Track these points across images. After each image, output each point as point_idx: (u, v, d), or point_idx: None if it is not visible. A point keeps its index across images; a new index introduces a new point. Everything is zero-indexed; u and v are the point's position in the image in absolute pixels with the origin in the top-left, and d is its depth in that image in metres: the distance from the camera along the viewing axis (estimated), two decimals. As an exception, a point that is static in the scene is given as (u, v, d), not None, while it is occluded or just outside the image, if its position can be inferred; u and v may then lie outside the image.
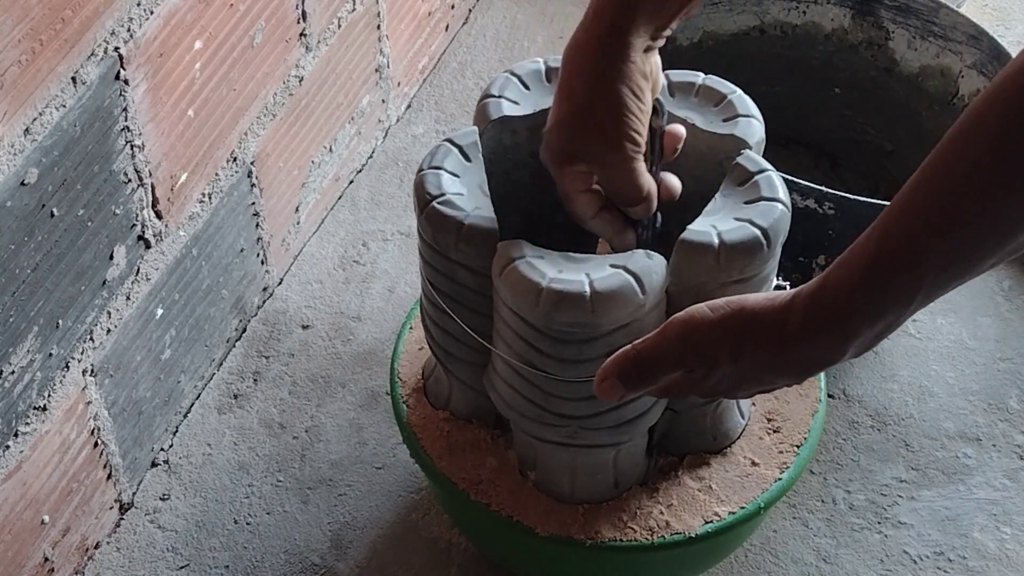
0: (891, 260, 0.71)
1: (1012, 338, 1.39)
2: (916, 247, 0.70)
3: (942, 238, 0.69)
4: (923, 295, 0.72)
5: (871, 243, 0.72)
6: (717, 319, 0.78)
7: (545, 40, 1.75)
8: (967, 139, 0.69)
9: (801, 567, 1.21)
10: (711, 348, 0.78)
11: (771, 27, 1.43)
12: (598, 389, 0.83)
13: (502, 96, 1.03)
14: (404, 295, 1.43)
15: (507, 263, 0.93)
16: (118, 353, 1.16)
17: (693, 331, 0.79)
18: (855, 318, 0.74)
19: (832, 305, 0.74)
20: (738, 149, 1.00)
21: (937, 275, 0.71)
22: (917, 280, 0.71)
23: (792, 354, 0.77)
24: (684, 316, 0.80)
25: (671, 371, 0.81)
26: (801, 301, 0.76)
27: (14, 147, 0.94)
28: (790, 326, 0.75)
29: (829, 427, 1.31)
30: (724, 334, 0.78)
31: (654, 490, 1.05)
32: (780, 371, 0.79)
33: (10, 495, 1.06)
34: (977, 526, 1.24)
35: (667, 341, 0.80)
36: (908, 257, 0.71)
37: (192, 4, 1.12)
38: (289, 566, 1.21)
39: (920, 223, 0.70)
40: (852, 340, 0.75)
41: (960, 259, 0.70)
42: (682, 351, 0.79)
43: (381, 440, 1.30)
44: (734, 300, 0.79)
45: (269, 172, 1.35)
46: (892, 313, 0.73)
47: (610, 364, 0.82)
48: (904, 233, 0.71)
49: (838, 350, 0.76)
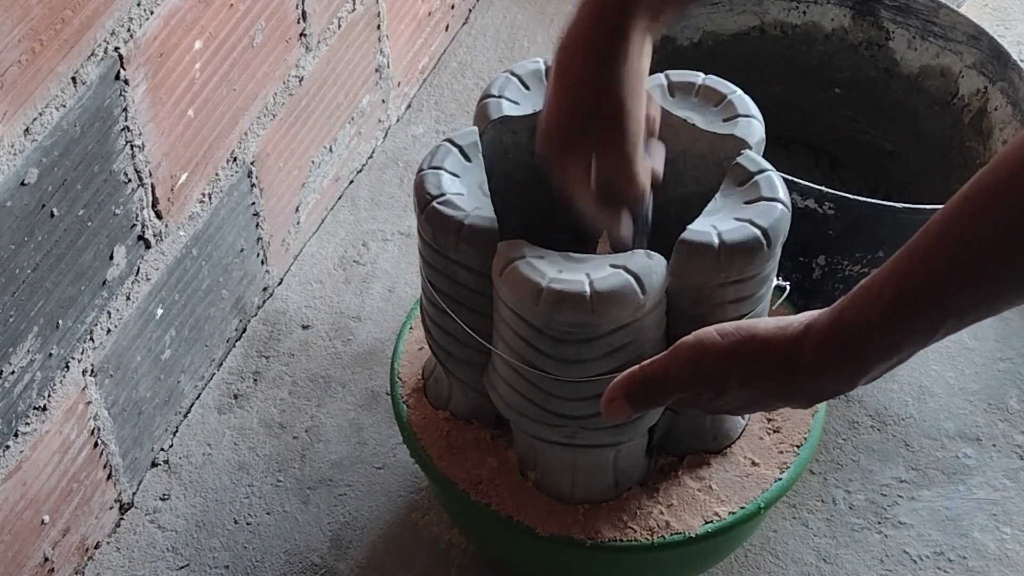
0: (912, 303, 0.71)
1: (1012, 338, 1.39)
2: (939, 293, 0.70)
3: (965, 288, 0.70)
4: (941, 334, 0.73)
5: (893, 282, 0.72)
6: (727, 345, 0.78)
7: (545, 40, 1.75)
8: (998, 198, 0.68)
9: (801, 567, 1.21)
10: (720, 374, 0.78)
11: (771, 27, 1.43)
12: (606, 409, 0.82)
13: (502, 96, 1.03)
14: (404, 295, 1.43)
15: (507, 263, 0.93)
16: (118, 353, 1.16)
17: (703, 355, 0.79)
18: (871, 354, 0.74)
19: (848, 340, 0.74)
20: (738, 149, 1.00)
21: (958, 319, 0.72)
22: (938, 323, 0.72)
23: (803, 385, 0.77)
24: (693, 340, 0.79)
25: (679, 393, 0.81)
26: (815, 334, 0.75)
27: (14, 147, 0.94)
28: (803, 358, 0.75)
29: (829, 427, 1.31)
30: (734, 361, 0.78)
31: (654, 490, 1.05)
32: (789, 399, 0.79)
33: (10, 495, 1.06)
34: (977, 526, 1.24)
35: (676, 364, 0.80)
36: (930, 302, 0.71)
37: (192, 4, 1.12)
38: (289, 566, 1.21)
39: (944, 271, 0.70)
40: (865, 374, 0.75)
41: (981, 305, 0.71)
42: (691, 375, 0.79)
43: (381, 440, 1.30)
44: (743, 326, 0.78)
45: (269, 172, 1.35)
46: (908, 350, 0.74)
47: (617, 385, 0.82)
48: (927, 278, 0.70)
49: (850, 383, 0.76)
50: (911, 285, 0.71)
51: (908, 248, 0.72)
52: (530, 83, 1.05)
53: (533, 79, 1.05)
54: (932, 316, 0.71)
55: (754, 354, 0.77)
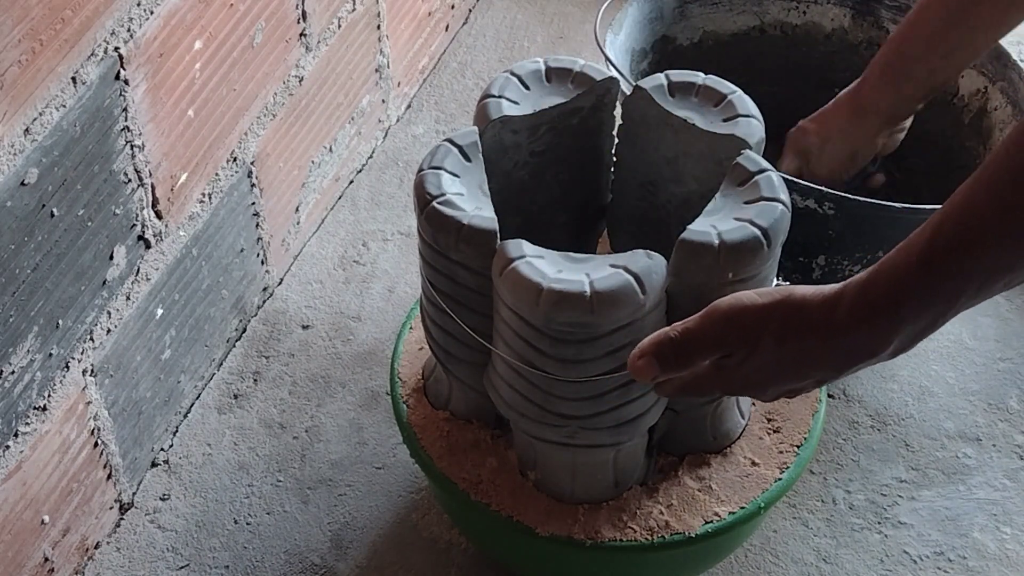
0: (945, 251, 0.72)
1: (1012, 338, 1.39)
2: (970, 243, 0.72)
3: (996, 240, 0.71)
4: (971, 293, 0.74)
5: (926, 234, 0.74)
6: (765, 303, 0.80)
7: (545, 40, 1.75)
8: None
9: (801, 567, 1.21)
10: (756, 329, 0.79)
11: (771, 27, 1.43)
12: (633, 367, 0.83)
13: (502, 96, 1.03)
14: (404, 295, 1.43)
15: (507, 263, 0.93)
16: (118, 353, 1.16)
17: (739, 313, 0.80)
18: (906, 307, 0.75)
19: (883, 293, 0.75)
20: (738, 149, 1.00)
21: (988, 275, 0.72)
22: (969, 275, 0.73)
23: (838, 342, 0.78)
24: (731, 299, 0.81)
25: (711, 352, 0.81)
26: (851, 290, 0.77)
27: (14, 147, 0.94)
28: (839, 313, 0.77)
29: (829, 427, 1.31)
30: (771, 316, 0.79)
31: (654, 490, 1.05)
32: (822, 361, 0.80)
33: (10, 495, 1.06)
34: (977, 526, 1.24)
35: (711, 321, 0.81)
36: (961, 250, 0.72)
37: (192, 4, 1.12)
38: (289, 566, 1.21)
39: (977, 222, 0.71)
40: (899, 330, 0.76)
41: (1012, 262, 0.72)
42: (725, 331, 0.81)
43: (381, 440, 1.30)
44: (782, 288, 0.80)
45: (269, 172, 1.35)
46: (942, 302, 0.74)
47: (648, 343, 0.83)
48: (961, 228, 0.72)
49: (884, 340, 0.77)
50: (945, 233, 0.72)
51: (945, 205, 0.73)
52: (530, 83, 1.05)
53: (533, 79, 1.05)
54: (963, 267, 0.72)
55: (791, 310, 0.79)
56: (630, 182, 1.11)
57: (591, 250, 1.17)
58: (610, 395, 0.95)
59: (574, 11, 1.79)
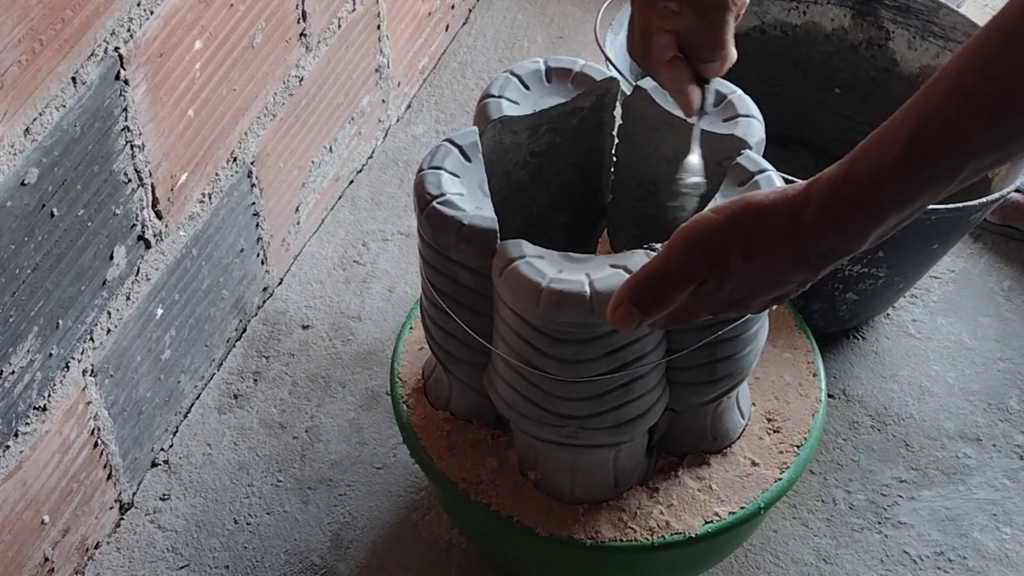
0: (933, 142, 0.68)
1: (1012, 338, 1.39)
2: (961, 130, 0.67)
3: (991, 125, 0.66)
4: (959, 181, 0.69)
5: (909, 125, 0.68)
6: (723, 218, 0.75)
7: (545, 40, 1.75)
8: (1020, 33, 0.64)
9: (801, 567, 1.21)
10: (721, 249, 0.75)
11: (771, 27, 1.43)
12: (613, 318, 0.79)
13: (502, 96, 1.03)
14: (404, 295, 1.43)
15: (507, 263, 0.93)
16: (118, 353, 1.16)
17: (699, 235, 0.75)
18: (885, 204, 0.70)
19: (858, 191, 0.70)
20: (738, 149, 1.00)
21: (978, 160, 0.68)
22: (960, 163, 0.68)
23: (809, 243, 0.73)
24: (689, 224, 0.76)
25: (683, 284, 0.77)
26: (820, 188, 0.72)
27: (14, 147, 0.94)
28: (807, 214, 0.72)
29: (829, 427, 1.31)
30: (733, 231, 0.74)
31: (654, 490, 1.05)
32: (795, 263, 0.75)
33: (10, 495, 1.06)
34: (977, 526, 1.24)
35: (674, 253, 0.76)
36: (951, 143, 0.67)
37: (192, 4, 1.12)
38: (289, 566, 1.21)
39: (966, 107, 0.66)
40: (877, 227, 0.72)
41: (1004, 144, 0.67)
42: (691, 259, 0.76)
43: (381, 440, 1.30)
44: (739, 198, 0.75)
45: (269, 172, 1.35)
46: (924, 198, 0.70)
47: (621, 291, 0.79)
48: (949, 116, 0.67)
49: (859, 238, 0.73)
50: (931, 124, 0.67)
51: (923, 92, 0.69)
52: (530, 83, 1.05)
53: (533, 79, 1.05)
54: (954, 155, 0.67)
55: (753, 218, 0.74)
56: (630, 182, 1.11)
57: (591, 250, 1.17)
58: (610, 395, 0.95)
59: (574, 11, 1.79)
